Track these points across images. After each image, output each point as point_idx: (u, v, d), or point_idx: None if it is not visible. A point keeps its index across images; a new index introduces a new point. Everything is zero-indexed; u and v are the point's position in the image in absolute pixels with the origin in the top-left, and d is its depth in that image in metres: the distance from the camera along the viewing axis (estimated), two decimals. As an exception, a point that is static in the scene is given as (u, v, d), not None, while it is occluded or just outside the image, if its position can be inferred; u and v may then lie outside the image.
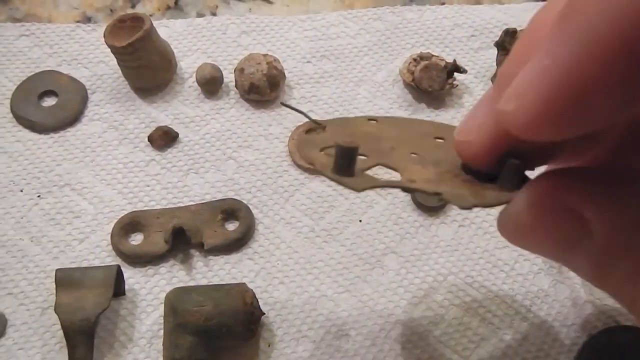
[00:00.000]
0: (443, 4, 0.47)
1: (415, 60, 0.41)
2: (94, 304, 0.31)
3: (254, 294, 0.32)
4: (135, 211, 0.36)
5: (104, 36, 0.38)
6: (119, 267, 0.33)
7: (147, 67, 0.39)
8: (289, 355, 0.32)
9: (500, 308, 0.34)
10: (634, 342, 0.31)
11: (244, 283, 0.32)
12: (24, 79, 0.41)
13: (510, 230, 0.18)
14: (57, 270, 0.33)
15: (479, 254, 0.36)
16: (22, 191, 0.37)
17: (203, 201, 0.37)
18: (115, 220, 0.36)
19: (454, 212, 0.37)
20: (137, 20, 0.39)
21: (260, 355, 0.33)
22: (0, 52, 0.42)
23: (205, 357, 0.31)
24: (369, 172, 0.20)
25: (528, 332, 0.33)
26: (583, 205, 0.16)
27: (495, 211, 0.18)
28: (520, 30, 0.41)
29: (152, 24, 0.38)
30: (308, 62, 0.43)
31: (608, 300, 0.34)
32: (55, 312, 0.31)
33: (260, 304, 0.32)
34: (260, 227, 0.36)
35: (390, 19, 0.45)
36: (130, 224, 0.36)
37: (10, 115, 0.40)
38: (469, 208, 0.19)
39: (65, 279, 0.32)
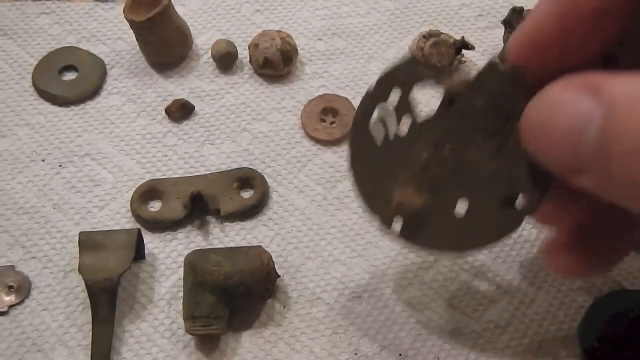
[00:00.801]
0: (451, -15, 0.48)
1: (424, 37, 0.42)
2: (116, 264, 0.33)
3: (270, 256, 0.33)
4: (153, 179, 0.37)
5: (124, 11, 0.39)
6: (139, 230, 0.34)
7: (164, 42, 0.40)
8: (304, 316, 0.34)
9: (509, 272, 0.35)
10: (638, 305, 0.32)
11: (261, 246, 0.34)
12: (45, 54, 0.42)
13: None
14: (80, 233, 0.34)
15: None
16: (44, 161, 0.38)
17: (219, 170, 0.38)
18: (134, 188, 0.37)
19: (462, 181, 0.38)
20: (155, -3, 0.40)
21: (275, 316, 0.34)
22: (22, 29, 0.44)
23: (225, 315, 0.32)
24: None
25: (536, 295, 0.34)
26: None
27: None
28: (527, 9, 0.42)
29: (170, 0, 0.39)
30: (320, 39, 0.44)
31: (613, 266, 0.35)
32: (79, 272, 0.33)
33: (275, 268, 0.33)
34: (274, 195, 0.37)
35: (400, -2, 0.46)
36: (149, 192, 0.37)
37: (32, 89, 0.41)
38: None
39: (88, 241, 0.33)
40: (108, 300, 0.33)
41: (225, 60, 0.42)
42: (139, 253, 0.35)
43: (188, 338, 0.33)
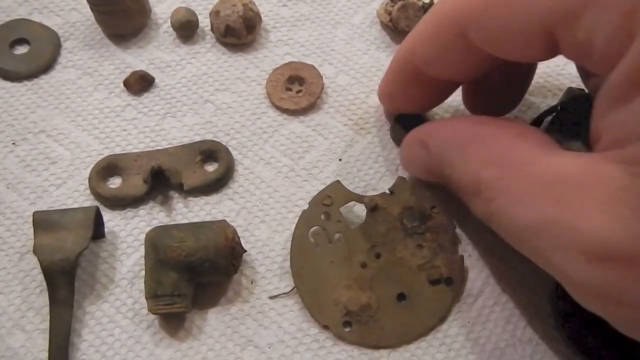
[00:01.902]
0: (420, -52, 0.46)
1: (392, 0, 0.41)
2: (74, 243, 0.31)
3: (235, 230, 0.32)
4: (112, 155, 0.36)
5: (75, -21, 0.37)
6: (97, 208, 0.33)
7: (121, 11, 0.38)
8: (271, 291, 0.33)
9: (482, 240, 0.34)
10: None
11: (225, 220, 0.32)
12: (-6, 27, 0.40)
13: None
14: (34, 213, 0.32)
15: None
16: (-4, 139, 0.37)
17: (181, 144, 0.37)
18: (92, 165, 0.36)
19: (433, 148, 0.37)
20: (108, -37, 0.38)
21: (242, 292, 0.33)
22: (-32, 1, 0.41)
23: (188, 293, 0.31)
24: None
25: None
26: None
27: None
28: None
29: (124, -34, 0.38)
30: (284, 5, 0.42)
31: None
32: (35, 254, 0.31)
33: (241, 242, 0.32)
34: (239, 168, 0.36)
35: (367, -38, 0.45)
36: (107, 168, 0.35)
37: (-19, 64, 0.39)
38: None
39: (44, 221, 0.32)
40: (66, 281, 0.31)
41: (186, 29, 0.40)
42: (99, 232, 0.33)
43: (152, 318, 0.32)
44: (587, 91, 0.30)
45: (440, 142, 0.29)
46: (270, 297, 0.32)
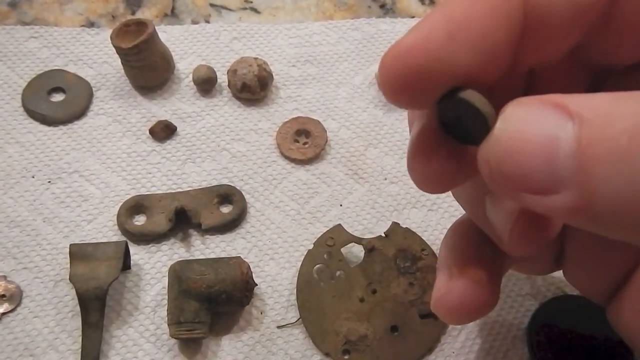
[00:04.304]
0: (413, 17, 0.52)
1: (389, 65, 0.46)
2: (106, 273, 0.35)
3: (249, 266, 0.36)
4: (139, 195, 0.40)
5: (111, 38, 0.42)
6: (126, 242, 0.37)
7: (149, 67, 0.43)
8: (279, 321, 0.37)
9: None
10: (578, 308, 0.36)
11: (240, 256, 0.37)
12: (34, 76, 0.45)
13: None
14: (71, 245, 0.36)
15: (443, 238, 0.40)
16: (34, 177, 0.41)
17: (200, 187, 0.41)
18: (121, 204, 0.40)
19: (423, 198, 0.42)
20: (140, 25, 0.43)
21: (253, 321, 0.37)
22: (11, 51, 0.46)
23: (207, 320, 0.35)
24: None
25: (488, 301, 0.38)
26: None
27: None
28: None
29: (154, 28, 0.42)
30: (293, 65, 0.48)
31: (556, 274, 0.39)
32: (70, 281, 0.35)
33: (253, 277, 0.36)
34: (252, 210, 0.41)
35: (367, 29, 0.50)
36: (135, 206, 0.40)
37: (22, 109, 0.43)
38: None
39: (79, 252, 0.36)
40: (98, 307, 0.35)
41: (206, 84, 0.45)
42: (126, 264, 0.37)
43: (172, 342, 0.35)
44: None
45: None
46: (278, 327, 0.36)
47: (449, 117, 0.20)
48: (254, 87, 0.44)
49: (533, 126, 0.16)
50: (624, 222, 0.16)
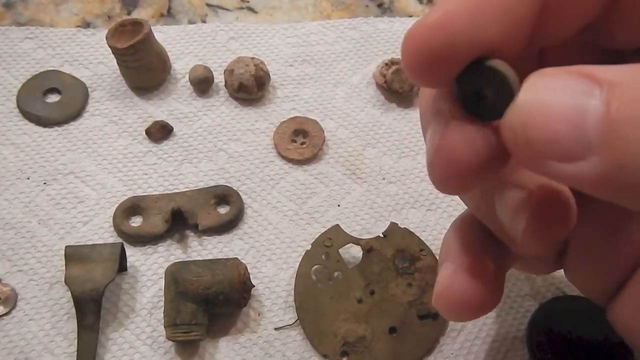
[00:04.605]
0: (411, 16, 0.52)
1: (387, 64, 0.46)
2: (102, 275, 0.35)
3: (246, 267, 0.36)
4: (135, 196, 0.40)
5: (107, 39, 0.42)
6: (122, 244, 0.37)
7: (145, 67, 0.43)
8: (277, 323, 0.36)
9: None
10: (578, 309, 0.36)
11: (237, 258, 0.36)
12: (29, 77, 0.44)
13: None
14: (66, 247, 0.36)
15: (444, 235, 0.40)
16: (29, 179, 0.40)
17: (197, 188, 0.41)
18: (117, 205, 0.39)
19: (422, 198, 0.41)
20: (136, 25, 0.43)
21: (250, 323, 0.36)
22: (6, 52, 0.46)
23: (204, 322, 0.34)
24: None
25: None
26: None
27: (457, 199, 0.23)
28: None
29: (150, 28, 0.42)
30: (290, 65, 0.47)
31: (556, 274, 0.39)
32: (66, 283, 0.35)
33: (250, 278, 0.36)
34: (249, 211, 0.40)
35: (364, 28, 0.50)
36: (131, 207, 0.39)
37: (17, 110, 0.43)
38: None
39: (75, 254, 0.36)
40: (94, 309, 0.35)
41: (202, 84, 0.44)
42: (122, 265, 0.37)
43: (168, 345, 0.35)
44: None
45: None
46: (276, 328, 0.36)
47: (470, 90, 0.19)
48: (251, 87, 0.44)
49: (561, 93, 0.16)
50: None
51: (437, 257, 0.38)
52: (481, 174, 0.19)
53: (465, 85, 0.19)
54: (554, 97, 0.16)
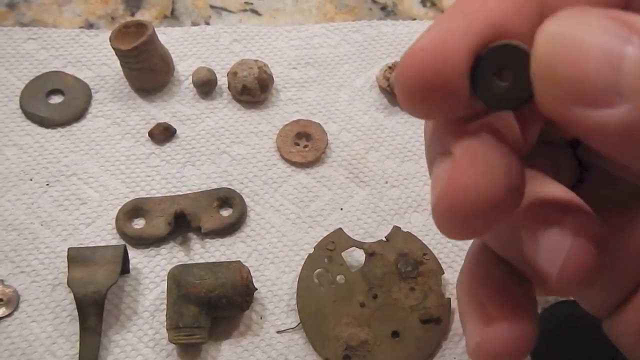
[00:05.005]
0: (414, 19, 0.52)
1: (390, 67, 0.46)
2: (105, 277, 0.35)
3: (249, 270, 0.36)
4: (138, 198, 0.40)
5: (110, 40, 0.42)
6: (125, 246, 0.37)
7: (149, 69, 0.43)
8: (279, 326, 0.36)
9: (466, 285, 0.38)
10: (579, 314, 0.36)
11: (240, 261, 0.36)
12: (32, 78, 0.44)
13: None
14: (69, 249, 0.36)
15: (447, 239, 0.40)
16: (31, 180, 0.40)
17: (200, 190, 0.41)
18: (119, 207, 0.39)
19: (425, 202, 0.41)
20: (140, 26, 0.42)
21: (253, 326, 0.36)
22: (9, 53, 0.46)
23: (207, 325, 0.34)
24: None
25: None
26: None
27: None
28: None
29: (154, 29, 0.42)
30: (294, 68, 0.47)
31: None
32: (68, 285, 0.35)
33: (253, 281, 0.36)
34: (252, 214, 0.40)
35: (368, 31, 0.50)
36: (133, 210, 0.39)
37: (20, 111, 0.43)
38: None
39: (77, 256, 0.36)
40: (96, 311, 0.35)
41: (206, 86, 0.44)
42: (125, 268, 0.37)
43: (171, 347, 0.35)
44: None
45: None
46: (278, 332, 0.36)
47: (485, 81, 0.17)
48: (254, 90, 0.44)
49: (598, 33, 0.15)
50: None
51: (440, 262, 0.38)
52: (496, 212, 0.17)
53: (480, 72, 0.18)
54: (591, 36, 0.15)
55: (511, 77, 0.17)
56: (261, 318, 0.37)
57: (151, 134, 0.42)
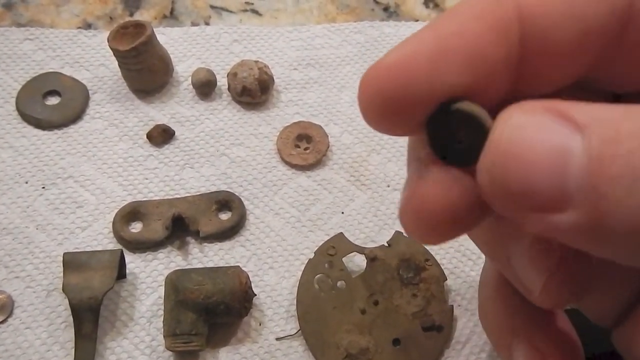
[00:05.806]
0: (417, 20, 0.51)
1: (393, 69, 0.45)
2: (101, 283, 0.34)
3: (248, 275, 0.35)
4: (135, 201, 0.39)
5: (108, 40, 0.41)
6: (122, 250, 0.36)
7: (147, 69, 0.42)
8: (278, 332, 0.36)
9: (469, 292, 0.38)
10: (582, 321, 0.35)
11: (239, 266, 0.36)
12: (29, 79, 0.44)
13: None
14: (64, 254, 0.35)
15: (449, 244, 0.39)
16: (27, 183, 0.40)
17: (198, 193, 0.40)
18: (116, 210, 0.39)
19: (427, 205, 0.40)
20: (138, 27, 0.42)
21: (251, 332, 0.36)
22: (6, 54, 0.45)
23: (204, 332, 0.34)
24: None
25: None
26: None
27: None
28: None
29: (153, 30, 0.41)
30: (295, 69, 0.47)
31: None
32: (63, 292, 0.34)
33: (252, 286, 0.35)
34: (251, 217, 0.39)
35: (370, 32, 0.49)
36: (131, 213, 0.38)
37: (16, 112, 0.42)
38: None
39: (73, 262, 0.35)
40: (91, 318, 0.34)
41: (205, 87, 0.44)
42: (121, 272, 0.36)
43: (167, 355, 0.34)
44: None
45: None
46: (277, 339, 0.35)
47: (441, 135, 0.18)
48: (254, 91, 0.43)
49: (540, 134, 0.15)
50: (637, 245, 0.14)
51: (443, 268, 0.37)
52: (458, 226, 0.18)
53: (436, 129, 0.18)
54: (535, 141, 0.15)
55: (468, 139, 0.17)
56: (260, 324, 0.36)
57: (149, 136, 0.42)
